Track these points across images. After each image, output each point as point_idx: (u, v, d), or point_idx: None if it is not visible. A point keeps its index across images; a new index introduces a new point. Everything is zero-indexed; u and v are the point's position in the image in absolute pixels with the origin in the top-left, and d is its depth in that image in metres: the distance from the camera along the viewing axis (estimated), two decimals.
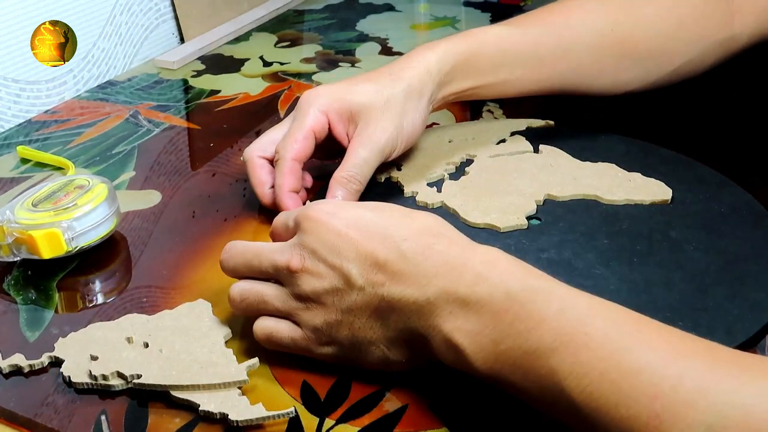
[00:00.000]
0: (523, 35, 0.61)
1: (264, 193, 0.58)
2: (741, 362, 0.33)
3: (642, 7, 0.64)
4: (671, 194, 0.57)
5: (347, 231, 0.41)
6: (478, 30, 0.61)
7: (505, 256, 0.40)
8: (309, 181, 0.61)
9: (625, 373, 0.33)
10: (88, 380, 0.43)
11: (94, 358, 0.44)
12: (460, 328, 0.38)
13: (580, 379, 0.34)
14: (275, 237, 0.47)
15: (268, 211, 0.58)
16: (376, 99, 0.56)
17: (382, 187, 0.60)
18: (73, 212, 0.52)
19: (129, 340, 0.45)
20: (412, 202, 0.58)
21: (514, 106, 0.75)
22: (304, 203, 0.57)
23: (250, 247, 0.45)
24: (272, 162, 0.58)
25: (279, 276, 0.43)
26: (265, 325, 0.44)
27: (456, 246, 0.41)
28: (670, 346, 0.34)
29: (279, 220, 0.46)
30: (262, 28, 1.01)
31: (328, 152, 0.59)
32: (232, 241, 0.46)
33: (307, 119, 0.56)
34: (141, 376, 0.43)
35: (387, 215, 0.43)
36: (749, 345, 0.45)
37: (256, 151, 0.58)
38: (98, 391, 0.43)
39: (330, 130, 0.57)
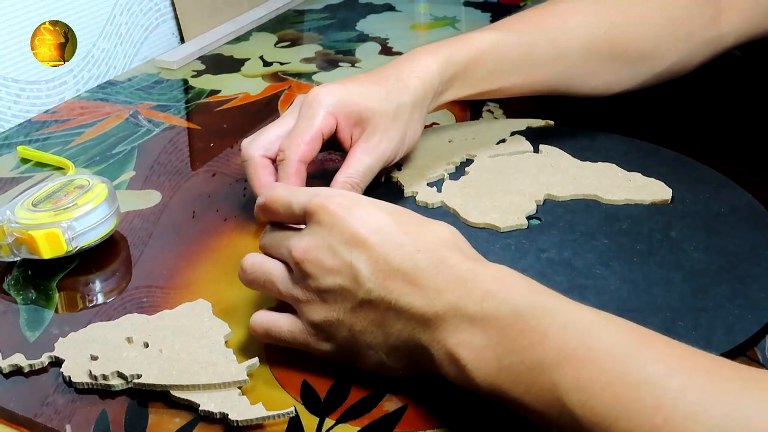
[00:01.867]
0: (519, 41, 0.61)
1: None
2: (743, 376, 0.33)
3: (634, 6, 0.64)
4: (671, 194, 0.57)
5: (363, 231, 0.41)
6: (475, 35, 0.61)
7: (514, 273, 0.40)
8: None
9: (626, 386, 0.33)
10: (88, 380, 0.43)
11: (94, 358, 0.44)
12: (464, 343, 0.38)
13: (582, 392, 0.33)
14: (270, 213, 0.45)
15: None
16: (387, 107, 0.56)
17: (382, 186, 0.60)
18: (73, 212, 0.52)
19: (129, 340, 0.45)
20: (412, 202, 0.58)
21: (514, 106, 0.75)
22: None
23: (271, 235, 0.45)
24: (274, 161, 0.56)
25: (290, 262, 0.43)
26: (263, 319, 0.44)
27: (468, 261, 0.40)
28: (673, 359, 0.34)
29: (279, 197, 0.45)
30: (262, 28, 1.01)
31: (324, 146, 0.58)
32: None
33: (316, 120, 0.55)
34: (141, 376, 0.43)
35: (404, 221, 0.42)
36: (749, 345, 0.45)
37: (258, 149, 0.56)
38: (98, 391, 0.43)
39: (335, 130, 0.56)
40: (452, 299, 0.38)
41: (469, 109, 0.76)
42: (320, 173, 0.63)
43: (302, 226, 0.44)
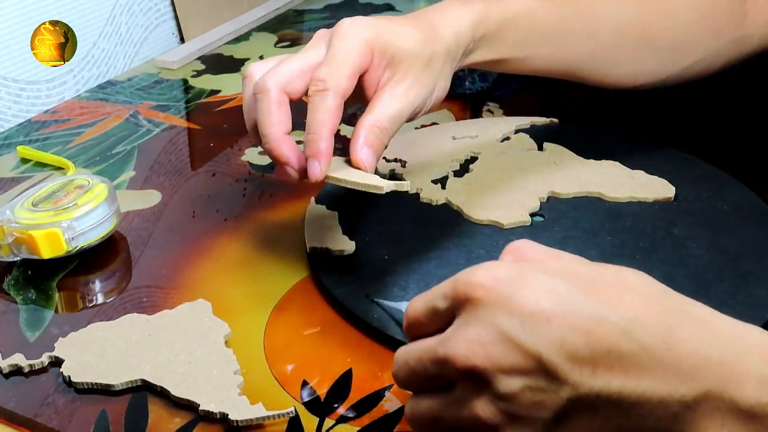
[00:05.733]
0: (555, 12, 0.57)
1: (276, 137, 0.45)
2: None
3: None
4: (674, 192, 0.57)
5: (543, 307, 0.30)
6: None
7: None
8: None
9: None
10: (88, 380, 0.43)
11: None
12: None
13: None
14: (417, 328, 0.35)
15: (267, 211, 0.58)
16: (422, 51, 0.48)
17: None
18: (73, 212, 0.52)
19: (129, 340, 0.45)
20: (416, 199, 0.58)
21: (514, 106, 0.74)
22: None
23: (411, 350, 0.34)
24: (293, 99, 0.47)
25: (444, 378, 0.33)
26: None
27: (707, 329, 0.31)
28: None
29: (417, 305, 0.35)
30: (262, 28, 1.01)
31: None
32: (400, 348, 0.35)
33: (354, 52, 0.46)
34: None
35: (584, 281, 0.32)
36: None
37: (278, 82, 0.46)
38: (98, 391, 0.43)
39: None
40: (707, 385, 0.29)
41: (470, 109, 0.75)
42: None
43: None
